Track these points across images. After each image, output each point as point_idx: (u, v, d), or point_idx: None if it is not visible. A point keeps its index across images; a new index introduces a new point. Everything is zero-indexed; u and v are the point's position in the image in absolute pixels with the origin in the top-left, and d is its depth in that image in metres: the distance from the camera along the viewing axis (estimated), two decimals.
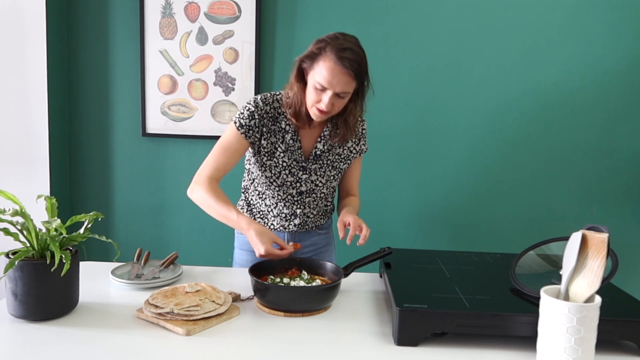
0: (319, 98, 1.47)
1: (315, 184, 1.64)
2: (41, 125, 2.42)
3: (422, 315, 1.10)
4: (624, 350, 1.11)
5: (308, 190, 1.64)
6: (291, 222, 1.67)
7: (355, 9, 2.41)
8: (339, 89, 1.44)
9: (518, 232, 2.50)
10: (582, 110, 2.43)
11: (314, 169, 1.62)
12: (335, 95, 1.46)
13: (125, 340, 1.10)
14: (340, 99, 1.48)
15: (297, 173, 1.61)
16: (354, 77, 1.44)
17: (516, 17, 2.38)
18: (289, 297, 1.25)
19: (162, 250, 2.47)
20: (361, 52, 1.46)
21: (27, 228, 1.17)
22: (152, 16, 2.45)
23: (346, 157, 1.67)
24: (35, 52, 2.38)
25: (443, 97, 2.45)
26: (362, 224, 1.48)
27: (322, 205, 1.71)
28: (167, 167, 2.58)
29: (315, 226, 1.73)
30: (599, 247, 0.98)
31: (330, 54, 1.42)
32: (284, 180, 1.61)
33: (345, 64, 1.41)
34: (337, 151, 1.65)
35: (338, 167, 1.66)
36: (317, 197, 1.67)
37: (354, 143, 1.68)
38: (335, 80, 1.43)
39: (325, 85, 1.44)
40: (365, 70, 1.48)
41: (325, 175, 1.64)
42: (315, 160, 1.62)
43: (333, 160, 1.65)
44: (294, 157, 1.60)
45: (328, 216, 1.78)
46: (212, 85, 2.48)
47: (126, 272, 1.47)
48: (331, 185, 1.68)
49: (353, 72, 1.42)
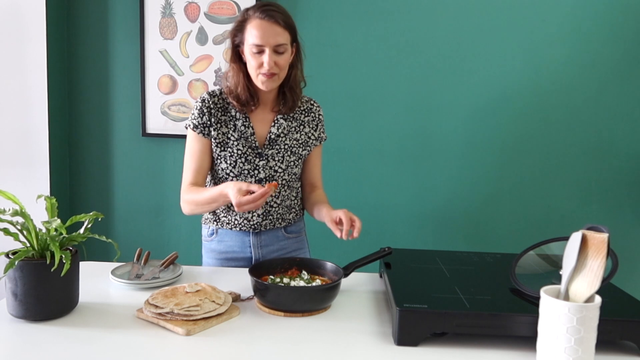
0: (259, 61, 1.48)
1: (274, 169, 1.60)
2: (41, 125, 2.42)
3: (422, 315, 1.10)
4: (624, 350, 1.11)
5: (267, 177, 1.59)
6: (254, 213, 1.62)
7: (355, 9, 2.41)
8: (273, 41, 1.46)
9: (518, 232, 2.50)
10: (582, 110, 2.43)
11: (271, 154, 1.59)
12: (274, 52, 1.47)
13: (125, 340, 1.10)
14: (280, 56, 1.48)
15: (253, 160, 1.58)
16: (284, 26, 1.47)
17: (516, 17, 2.38)
18: (289, 297, 1.25)
19: (162, 250, 2.47)
20: (282, 7, 1.50)
21: (27, 228, 1.17)
22: (152, 16, 2.45)
23: (304, 142, 1.65)
24: (35, 52, 2.38)
25: (442, 97, 2.45)
26: (353, 215, 1.46)
27: (286, 194, 1.65)
28: (167, 167, 2.58)
29: (281, 220, 1.67)
30: (599, 247, 0.98)
31: (255, 14, 1.48)
32: (240, 169, 1.58)
33: (270, 15, 1.46)
34: (294, 136, 1.63)
35: (297, 152, 1.63)
36: (279, 185, 1.62)
37: (311, 128, 1.66)
38: (267, 34, 1.45)
39: (260, 42, 1.46)
40: (292, 23, 1.51)
41: (285, 161, 1.61)
42: (271, 145, 1.60)
43: (291, 146, 1.62)
44: (248, 144, 1.58)
45: (295, 212, 1.71)
46: (212, 85, 2.48)
47: (126, 272, 1.47)
48: (292, 171, 1.63)
49: (281, 22, 1.46)
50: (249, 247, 1.66)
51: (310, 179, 1.73)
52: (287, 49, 1.50)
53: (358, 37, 2.41)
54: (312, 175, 1.72)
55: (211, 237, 1.71)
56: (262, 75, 1.50)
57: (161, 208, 2.61)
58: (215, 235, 1.69)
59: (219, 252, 1.69)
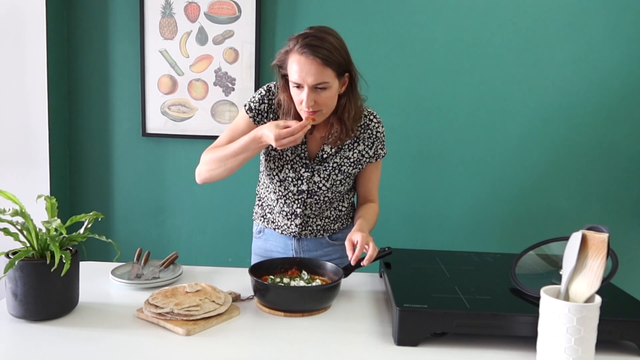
0: (299, 99, 1.41)
1: (318, 185, 1.56)
2: (41, 125, 2.42)
3: (422, 315, 1.10)
4: (624, 350, 1.11)
5: (309, 191, 1.56)
6: (292, 222, 1.62)
7: (355, 9, 2.41)
8: (311, 80, 1.37)
9: (518, 232, 2.50)
10: (582, 110, 2.42)
11: (318, 170, 1.56)
12: (314, 89, 1.39)
13: (125, 340, 1.10)
14: (321, 93, 1.40)
15: (299, 170, 1.55)
16: (323, 63, 1.36)
17: (516, 17, 2.38)
18: (289, 297, 1.25)
19: (162, 250, 2.46)
20: (330, 38, 1.39)
21: (27, 228, 1.17)
22: (152, 16, 2.45)
23: (356, 161, 1.57)
24: (35, 52, 2.38)
25: (443, 98, 2.45)
26: (370, 242, 1.39)
27: (327, 210, 1.63)
28: (167, 167, 2.58)
29: (323, 230, 1.65)
30: (599, 247, 0.98)
31: (295, 47, 1.38)
32: (285, 175, 1.56)
33: (309, 52, 1.35)
34: (345, 154, 1.55)
35: (346, 171, 1.56)
36: (319, 200, 1.59)
37: (366, 146, 1.57)
38: (304, 72, 1.36)
39: (299, 81, 1.38)
40: (340, 56, 1.40)
41: (330, 179, 1.56)
42: (320, 162, 1.56)
43: (340, 164, 1.56)
44: (297, 152, 1.55)
45: (342, 222, 1.68)
46: (212, 85, 2.48)
47: (126, 272, 1.47)
48: (337, 190, 1.58)
49: (320, 59, 1.35)
50: (292, 251, 1.67)
51: (363, 193, 1.67)
52: (330, 86, 1.40)
53: (358, 37, 2.41)
54: (366, 189, 1.66)
55: (259, 234, 1.73)
56: (304, 112, 1.43)
57: (161, 208, 2.61)
58: (262, 234, 1.72)
59: (264, 250, 1.71)
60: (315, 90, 1.39)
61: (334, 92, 1.43)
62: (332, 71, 1.39)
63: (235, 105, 2.48)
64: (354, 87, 1.49)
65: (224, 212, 2.57)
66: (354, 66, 1.46)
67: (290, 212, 1.62)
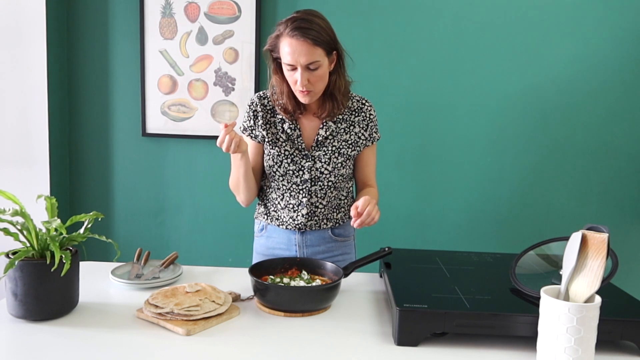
0: (294, 79, 1.49)
1: (321, 171, 1.61)
2: (41, 125, 2.42)
3: (422, 315, 1.10)
4: (624, 350, 1.11)
5: (313, 178, 1.61)
6: (299, 213, 1.64)
7: (355, 9, 2.41)
8: (304, 60, 1.45)
9: (518, 232, 2.50)
10: (582, 110, 2.43)
11: (318, 156, 1.61)
12: (306, 69, 1.47)
13: (125, 340, 1.10)
14: (314, 72, 1.48)
15: (299, 161, 1.60)
16: (313, 43, 1.44)
17: (516, 17, 2.38)
18: (289, 297, 1.25)
19: (162, 250, 2.47)
20: (317, 19, 1.47)
21: (27, 228, 1.17)
22: (152, 16, 2.45)
23: (354, 143, 1.64)
24: (35, 52, 2.38)
25: (443, 97, 2.45)
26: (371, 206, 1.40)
27: (332, 195, 1.65)
28: (167, 167, 2.58)
29: (327, 220, 1.67)
30: (599, 247, 0.98)
31: (285, 30, 1.46)
32: (285, 169, 1.60)
33: (299, 34, 1.44)
34: (343, 137, 1.62)
35: (345, 153, 1.62)
36: (324, 186, 1.62)
37: (361, 128, 1.64)
38: (296, 54, 1.45)
39: (292, 62, 1.46)
40: (327, 36, 1.48)
41: (332, 162, 1.61)
42: (318, 147, 1.61)
43: (339, 147, 1.62)
44: (295, 145, 1.60)
45: (344, 212, 1.71)
46: (212, 85, 2.48)
47: (126, 272, 1.47)
48: (339, 172, 1.62)
49: (310, 40, 1.44)
50: (295, 246, 1.68)
51: (362, 178, 1.71)
52: (321, 65, 1.48)
53: (359, 37, 2.41)
54: (364, 174, 1.70)
55: (261, 232, 1.74)
56: (298, 91, 1.52)
57: (161, 208, 2.61)
58: (265, 231, 1.73)
59: (266, 248, 1.72)
60: (308, 70, 1.48)
61: (324, 70, 1.51)
62: (321, 50, 1.47)
63: (236, 105, 2.48)
64: (342, 64, 1.58)
65: (224, 211, 2.57)
66: (340, 44, 1.55)
67: (296, 203, 1.64)
